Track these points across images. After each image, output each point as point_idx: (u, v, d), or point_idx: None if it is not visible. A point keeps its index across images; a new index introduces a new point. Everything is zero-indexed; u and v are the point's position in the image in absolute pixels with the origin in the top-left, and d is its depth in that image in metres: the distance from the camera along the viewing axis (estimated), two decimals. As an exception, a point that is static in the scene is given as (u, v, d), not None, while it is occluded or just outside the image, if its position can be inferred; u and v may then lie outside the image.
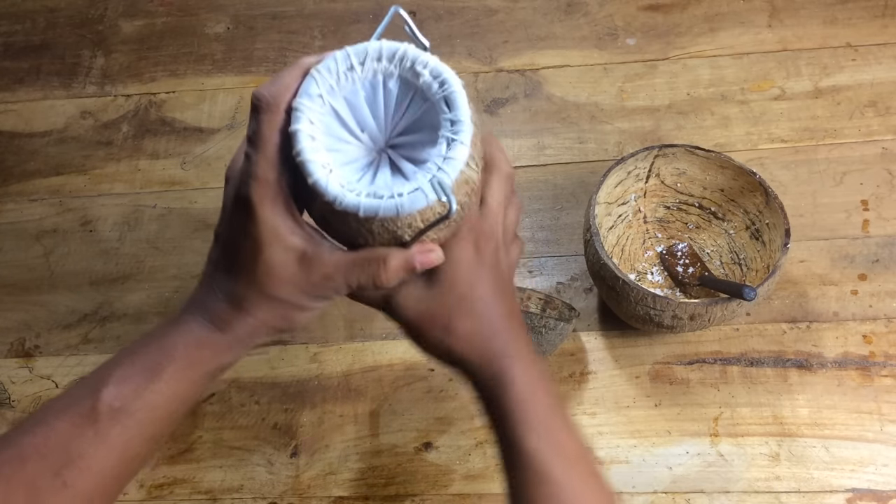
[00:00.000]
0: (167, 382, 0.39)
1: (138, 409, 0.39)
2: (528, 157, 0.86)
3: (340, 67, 0.36)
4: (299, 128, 0.35)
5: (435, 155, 0.36)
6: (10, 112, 0.96)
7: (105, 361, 0.41)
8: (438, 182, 0.35)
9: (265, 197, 0.36)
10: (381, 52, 0.36)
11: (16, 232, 0.87)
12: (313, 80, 0.36)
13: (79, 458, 0.37)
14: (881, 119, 0.84)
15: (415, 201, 0.35)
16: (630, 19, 0.95)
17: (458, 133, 0.36)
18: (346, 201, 0.35)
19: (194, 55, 0.98)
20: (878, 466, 0.67)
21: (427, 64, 0.36)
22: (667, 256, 0.76)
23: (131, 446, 0.39)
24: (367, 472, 0.70)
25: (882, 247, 0.77)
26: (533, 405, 0.41)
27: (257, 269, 0.37)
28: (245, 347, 0.41)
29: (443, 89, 0.36)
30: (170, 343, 0.40)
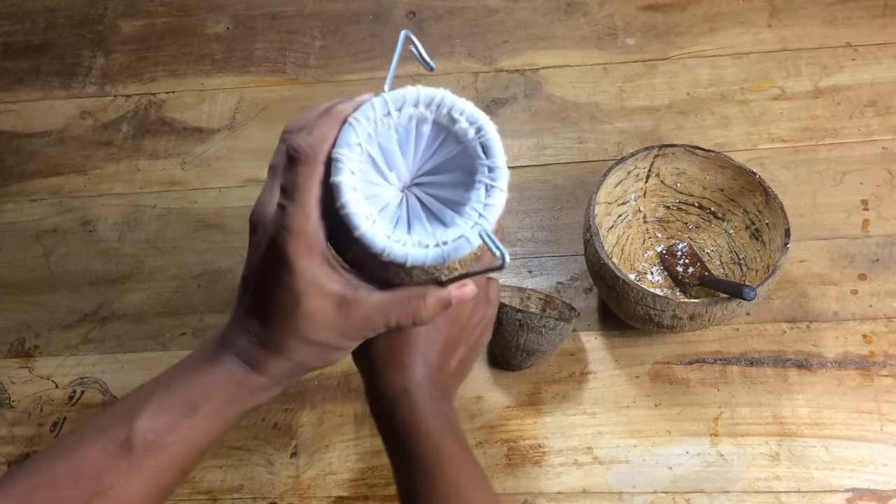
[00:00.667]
0: (203, 419, 0.40)
1: (172, 443, 0.39)
2: (527, 157, 0.86)
3: (378, 114, 0.36)
4: (342, 180, 0.35)
5: (474, 201, 0.36)
6: (10, 112, 0.96)
7: (137, 389, 0.41)
8: (487, 234, 0.36)
9: (302, 249, 0.36)
10: (418, 98, 0.36)
11: (16, 232, 0.87)
12: (352, 130, 0.36)
13: (110, 489, 0.37)
14: (881, 119, 0.84)
15: (459, 248, 0.36)
16: (630, 19, 0.95)
17: (496, 180, 0.36)
18: (394, 253, 0.35)
19: (194, 55, 0.98)
20: (878, 466, 0.67)
21: (464, 111, 0.37)
22: (667, 256, 0.76)
23: (163, 479, 0.39)
24: (367, 472, 0.70)
25: (882, 246, 0.77)
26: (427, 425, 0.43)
27: (296, 319, 0.38)
28: (281, 386, 0.42)
29: (479, 135, 0.37)
30: (208, 381, 0.40)
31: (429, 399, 0.44)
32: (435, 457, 0.42)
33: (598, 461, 0.69)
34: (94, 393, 0.76)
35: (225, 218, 0.86)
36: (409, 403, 0.44)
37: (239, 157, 0.90)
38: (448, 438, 0.43)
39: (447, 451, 0.43)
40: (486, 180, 0.36)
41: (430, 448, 0.42)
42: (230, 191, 0.88)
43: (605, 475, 0.68)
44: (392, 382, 0.44)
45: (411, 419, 0.43)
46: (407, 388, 0.44)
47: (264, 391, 0.41)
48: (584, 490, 0.68)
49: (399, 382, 0.44)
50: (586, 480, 0.68)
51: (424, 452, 0.42)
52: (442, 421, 0.44)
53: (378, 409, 0.46)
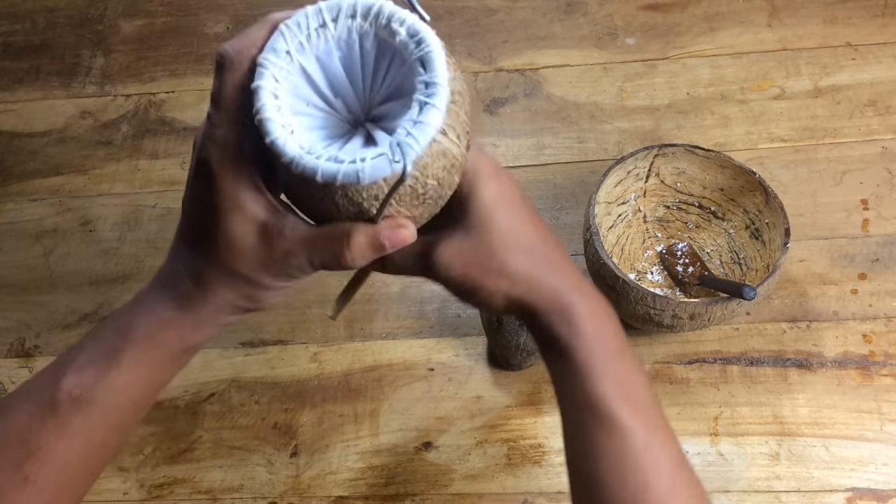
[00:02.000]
0: (128, 367, 0.37)
1: (99, 397, 0.36)
2: (527, 157, 0.86)
3: (312, 23, 0.33)
4: (262, 84, 0.32)
5: (405, 120, 0.32)
6: (10, 112, 0.96)
7: (68, 347, 0.39)
8: (397, 144, 0.31)
9: (225, 160, 0.33)
10: (355, 8, 0.33)
11: (16, 232, 0.87)
12: (281, 36, 0.33)
13: (39, 451, 0.36)
14: (881, 118, 0.84)
15: (378, 168, 0.31)
16: (630, 19, 0.95)
17: (431, 96, 0.32)
18: (303, 163, 0.32)
19: (194, 55, 0.98)
20: (878, 466, 0.67)
21: (404, 21, 0.33)
22: (666, 256, 0.76)
23: (95, 435, 0.37)
24: (367, 471, 0.70)
25: (882, 246, 0.77)
26: (600, 347, 0.38)
27: (217, 241, 0.34)
28: (211, 327, 0.38)
29: (419, 49, 0.33)
30: (129, 324, 0.37)
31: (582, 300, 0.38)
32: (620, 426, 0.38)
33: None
34: (94, 393, 0.76)
35: (225, 218, 0.86)
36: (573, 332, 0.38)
37: (239, 157, 0.90)
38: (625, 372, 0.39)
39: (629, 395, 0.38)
40: (420, 97, 0.32)
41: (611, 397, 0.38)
42: (230, 191, 0.88)
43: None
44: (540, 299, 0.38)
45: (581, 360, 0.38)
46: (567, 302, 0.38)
47: (192, 330, 0.37)
48: (584, 490, 0.68)
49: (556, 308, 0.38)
50: (586, 480, 0.68)
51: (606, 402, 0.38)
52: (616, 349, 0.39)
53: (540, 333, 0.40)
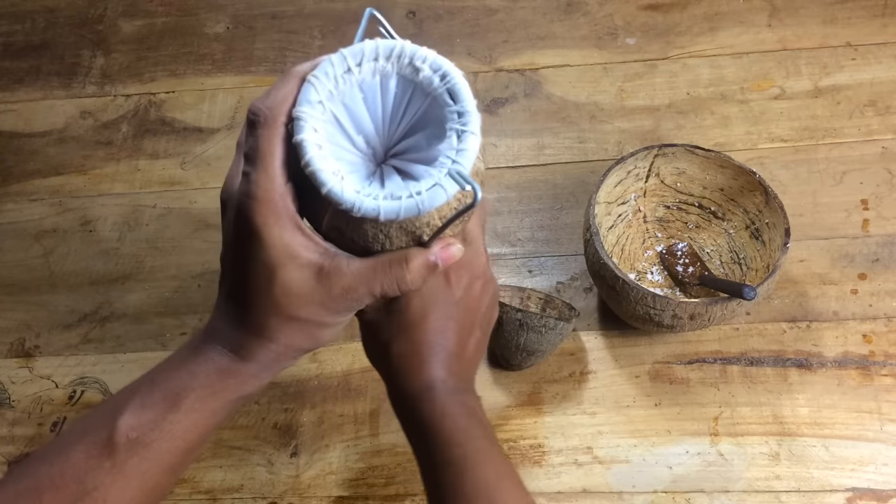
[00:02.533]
0: (187, 413, 0.38)
1: (156, 440, 0.37)
2: (527, 157, 0.86)
3: (338, 71, 0.34)
4: (304, 137, 0.33)
5: (446, 149, 0.34)
6: (10, 112, 0.96)
7: (123, 388, 0.39)
8: (458, 172, 0.33)
9: (270, 217, 0.34)
10: (377, 52, 0.35)
11: (16, 232, 0.87)
12: (312, 87, 0.34)
13: (94, 491, 0.36)
14: (881, 118, 0.84)
15: (434, 197, 0.33)
16: (630, 19, 0.95)
17: (467, 124, 0.34)
18: (364, 207, 0.33)
19: (194, 55, 0.98)
20: (878, 466, 0.67)
21: (426, 59, 0.35)
22: (667, 256, 0.76)
23: (149, 478, 0.38)
24: (367, 471, 0.70)
25: (882, 246, 0.77)
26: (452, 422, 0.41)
27: (273, 294, 0.35)
28: (270, 373, 0.40)
29: (445, 82, 0.35)
30: (189, 373, 0.38)
31: (452, 393, 0.42)
32: (462, 455, 0.40)
33: (598, 461, 0.69)
34: (94, 393, 0.76)
35: (225, 218, 0.86)
36: (431, 401, 0.42)
37: (239, 157, 0.90)
38: (475, 434, 0.41)
39: (474, 448, 0.41)
40: (456, 126, 0.34)
41: (456, 446, 0.41)
42: (230, 191, 0.88)
43: (605, 475, 0.68)
44: (413, 381, 0.42)
45: (436, 417, 0.41)
46: (429, 385, 0.42)
47: (252, 378, 0.39)
48: (584, 490, 0.68)
49: (420, 380, 0.42)
50: (586, 480, 0.68)
51: (451, 451, 0.41)
52: (468, 415, 0.42)
53: (401, 410, 0.44)
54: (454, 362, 0.43)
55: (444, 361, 0.43)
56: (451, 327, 0.43)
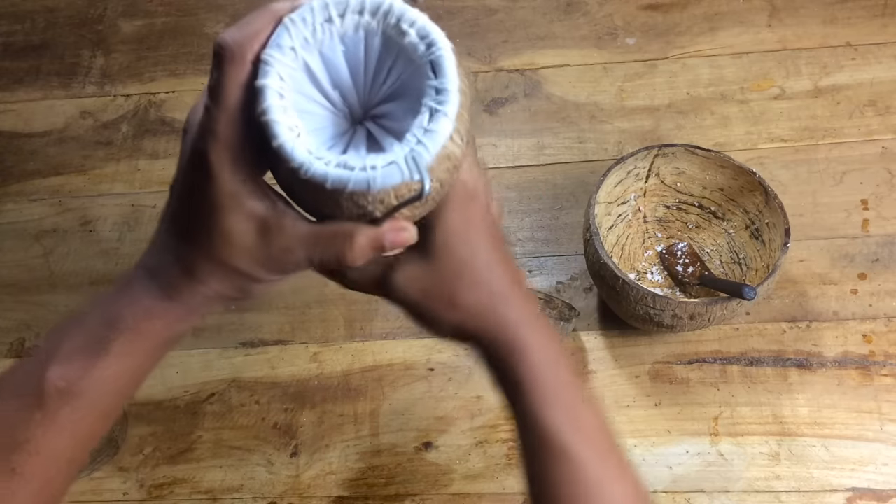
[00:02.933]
0: (116, 357, 0.36)
1: (86, 388, 0.36)
2: (527, 157, 0.86)
3: (318, 18, 0.32)
4: (267, 83, 0.31)
5: (415, 126, 0.32)
6: (10, 112, 0.96)
7: (54, 329, 0.38)
8: (413, 157, 0.31)
9: (224, 156, 0.32)
10: (363, 4, 0.32)
11: (16, 232, 0.87)
12: (286, 31, 0.32)
13: (26, 443, 0.35)
14: (881, 118, 0.84)
15: (388, 176, 0.31)
16: (630, 19, 0.95)
17: (442, 103, 0.32)
18: (312, 170, 0.31)
19: (194, 55, 0.98)
20: (878, 466, 0.67)
21: (414, 22, 0.32)
22: (666, 256, 0.76)
23: (82, 426, 0.37)
24: (367, 471, 0.70)
25: (882, 246, 0.77)
26: (551, 378, 0.39)
27: (213, 236, 0.34)
28: (197, 316, 0.38)
29: (430, 52, 0.32)
30: (116, 315, 0.37)
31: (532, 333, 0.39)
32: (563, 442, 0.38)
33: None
34: (94, 393, 0.76)
35: (225, 218, 0.86)
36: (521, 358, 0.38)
37: (239, 157, 0.90)
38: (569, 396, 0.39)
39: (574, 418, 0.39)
40: (431, 104, 0.32)
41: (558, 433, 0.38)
42: (230, 191, 0.88)
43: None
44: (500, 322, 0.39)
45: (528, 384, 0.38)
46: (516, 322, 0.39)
47: (179, 320, 0.38)
48: (584, 490, 0.68)
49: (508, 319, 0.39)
50: (586, 480, 0.68)
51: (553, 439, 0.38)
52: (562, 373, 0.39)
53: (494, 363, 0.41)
54: (521, 287, 0.40)
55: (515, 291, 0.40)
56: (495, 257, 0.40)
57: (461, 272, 0.38)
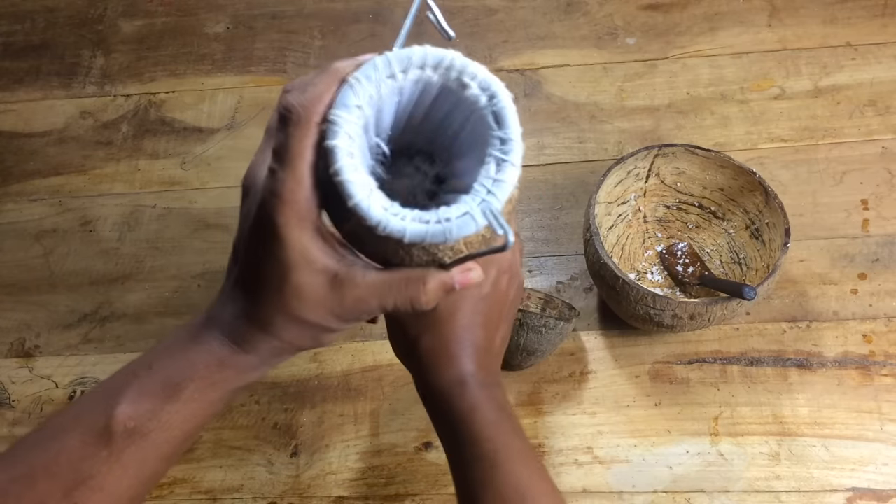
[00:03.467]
0: (185, 403, 0.37)
1: (154, 430, 0.37)
2: (528, 157, 0.86)
3: (381, 75, 0.33)
4: (337, 144, 0.31)
5: (483, 176, 0.33)
6: (10, 112, 0.96)
7: (119, 371, 0.39)
8: (490, 210, 0.32)
9: (293, 219, 0.33)
10: (425, 59, 0.33)
11: (16, 232, 0.87)
12: (351, 91, 0.32)
13: (90, 479, 0.36)
14: (881, 118, 0.84)
15: (463, 226, 0.32)
16: (630, 19, 0.95)
17: (508, 153, 0.33)
18: (390, 227, 0.32)
19: (194, 55, 0.98)
20: (879, 465, 0.67)
21: (476, 76, 0.33)
22: (667, 256, 0.76)
23: (146, 466, 0.37)
24: (367, 471, 0.70)
25: (882, 246, 0.77)
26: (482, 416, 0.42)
27: (284, 292, 0.35)
28: (269, 366, 0.39)
29: (492, 103, 0.33)
30: (189, 362, 0.38)
31: (482, 387, 0.43)
32: (493, 450, 0.41)
33: (598, 461, 0.69)
34: (94, 393, 0.76)
35: (225, 218, 0.86)
36: (462, 396, 0.42)
37: (239, 157, 0.90)
38: (505, 429, 0.42)
39: (505, 444, 0.41)
40: (497, 153, 0.33)
41: (487, 441, 0.41)
42: (230, 191, 0.88)
43: (605, 475, 0.68)
44: (442, 376, 0.43)
45: (466, 412, 0.42)
46: (459, 379, 0.43)
47: (251, 370, 0.38)
48: (585, 490, 0.68)
49: (449, 375, 0.43)
50: (586, 480, 0.68)
51: (482, 446, 0.41)
52: (497, 410, 0.42)
53: (431, 405, 0.45)
54: (482, 356, 0.44)
55: (473, 356, 0.43)
56: (479, 322, 0.43)
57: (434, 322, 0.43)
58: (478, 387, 0.43)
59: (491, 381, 0.44)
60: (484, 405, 0.42)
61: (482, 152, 0.33)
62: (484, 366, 0.44)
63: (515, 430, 0.43)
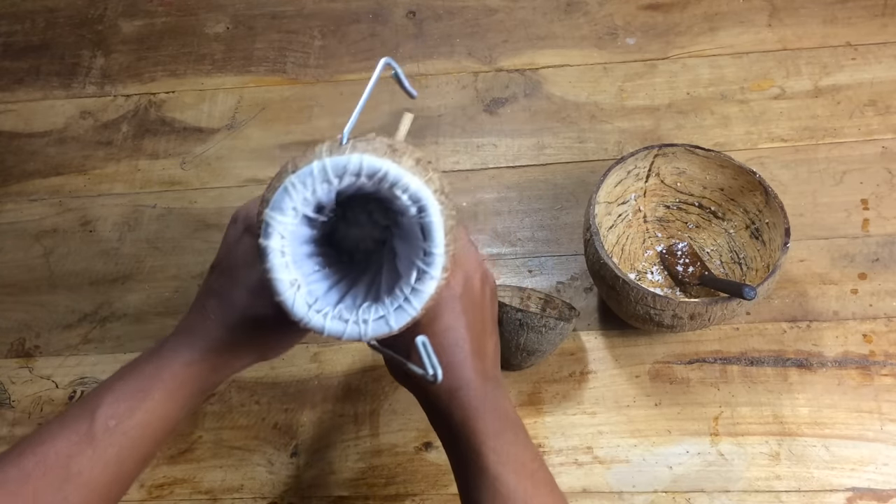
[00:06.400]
0: (158, 402, 0.42)
1: (132, 428, 0.41)
2: (528, 157, 0.86)
3: (317, 181, 0.34)
4: (270, 244, 0.34)
5: (403, 282, 0.36)
6: (10, 112, 0.96)
7: (95, 388, 0.43)
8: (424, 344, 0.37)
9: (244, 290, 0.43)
10: (360, 169, 0.34)
11: (16, 232, 0.87)
12: (286, 195, 0.34)
13: (77, 476, 0.40)
14: (881, 118, 0.84)
15: (378, 329, 0.36)
16: (630, 19, 0.95)
17: (430, 265, 0.35)
18: (312, 323, 0.36)
19: (194, 55, 0.98)
20: (879, 465, 0.67)
21: (407, 188, 0.34)
22: (667, 256, 0.76)
23: (126, 463, 0.42)
24: (367, 471, 0.70)
25: (882, 246, 0.77)
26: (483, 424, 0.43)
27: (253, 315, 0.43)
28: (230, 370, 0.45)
29: (420, 216, 0.35)
30: (157, 368, 0.43)
31: (481, 394, 0.43)
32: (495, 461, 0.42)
33: (598, 461, 0.69)
34: (94, 393, 0.76)
35: (225, 218, 0.85)
36: (461, 406, 0.43)
37: (239, 157, 0.90)
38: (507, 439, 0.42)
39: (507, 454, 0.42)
40: (419, 263, 0.35)
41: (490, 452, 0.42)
42: (230, 191, 0.88)
43: (605, 475, 0.68)
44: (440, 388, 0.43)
45: (468, 422, 0.42)
46: (456, 387, 0.43)
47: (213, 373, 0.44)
48: (585, 489, 0.68)
49: (447, 384, 0.43)
50: (586, 480, 0.68)
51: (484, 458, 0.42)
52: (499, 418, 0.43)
53: (434, 418, 0.46)
54: (476, 361, 0.44)
55: (465, 362, 0.43)
56: (462, 325, 0.44)
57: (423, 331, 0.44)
58: (476, 395, 0.43)
59: (490, 387, 0.44)
60: (485, 415, 0.42)
61: (414, 247, 0.36)
62: (480, 372, 0.44)
63: (519, 439, 0.43)
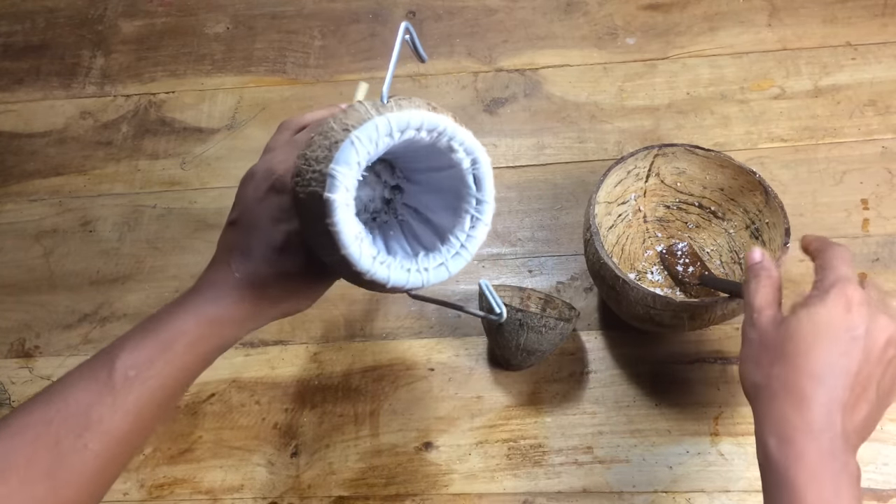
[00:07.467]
0: (178, 355, 0.42)
1: (151, 377, 0.41)
2: (527, 157, 0.86)
3: (381, 134, 0.36)
4: (336, 197, 0.35)
5: (458, 230, 0.38)
6: (10, 112, 0.96)
7: (117, 339, 0.43)
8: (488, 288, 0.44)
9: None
10: (422, 124, 0.37)
11: (16, 232, 0.87)
12: (353, 149, 0.35)
13: (98, 423, 0.40)
14: (881, 118, 0.84)
15: (440, 275, 0.38)
16: (630, 19, 0.95)
17: (482, 213, 0.38)
18: (377, 276, 0.37)
19: (194, 55, 0.98)
20: (878, 465, 0.67)
21: (463, 143, 0.38)
22: (667, 256, 0.76)
23: (145, 412, 0.42)
24: (367, 471, 0.70)
25: (882, 246, 0.77)
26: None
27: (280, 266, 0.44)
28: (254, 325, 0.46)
29: (475, 167, 0.38)
30: (180, 320, 0.43)
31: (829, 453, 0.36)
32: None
33: (598, 460, 0.69)
34: (94, 393, 0.76)
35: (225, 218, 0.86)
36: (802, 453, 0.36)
37: (239, 157, 0.90)
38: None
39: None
40: (472, 211, 0.38)
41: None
42: (230, 191, 0.87)
43: (605, 474, 0.68)
44: (788, 417, 0.37)
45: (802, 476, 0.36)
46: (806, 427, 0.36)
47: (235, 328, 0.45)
48: (585, 489, 0.68)
49: (795, 420, 0.37)
50: (586, 480, 0.68)
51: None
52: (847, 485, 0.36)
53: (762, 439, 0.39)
54: (841, 413, 0.37)
55: (828, 406, 0.37)
56: (843, 366, 0.37)
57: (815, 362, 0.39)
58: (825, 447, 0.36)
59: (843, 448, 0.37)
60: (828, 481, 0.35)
61: (456, 203, 0.39)
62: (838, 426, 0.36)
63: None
